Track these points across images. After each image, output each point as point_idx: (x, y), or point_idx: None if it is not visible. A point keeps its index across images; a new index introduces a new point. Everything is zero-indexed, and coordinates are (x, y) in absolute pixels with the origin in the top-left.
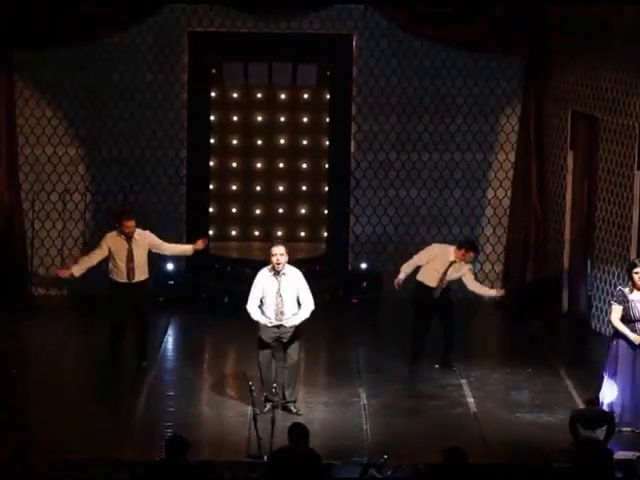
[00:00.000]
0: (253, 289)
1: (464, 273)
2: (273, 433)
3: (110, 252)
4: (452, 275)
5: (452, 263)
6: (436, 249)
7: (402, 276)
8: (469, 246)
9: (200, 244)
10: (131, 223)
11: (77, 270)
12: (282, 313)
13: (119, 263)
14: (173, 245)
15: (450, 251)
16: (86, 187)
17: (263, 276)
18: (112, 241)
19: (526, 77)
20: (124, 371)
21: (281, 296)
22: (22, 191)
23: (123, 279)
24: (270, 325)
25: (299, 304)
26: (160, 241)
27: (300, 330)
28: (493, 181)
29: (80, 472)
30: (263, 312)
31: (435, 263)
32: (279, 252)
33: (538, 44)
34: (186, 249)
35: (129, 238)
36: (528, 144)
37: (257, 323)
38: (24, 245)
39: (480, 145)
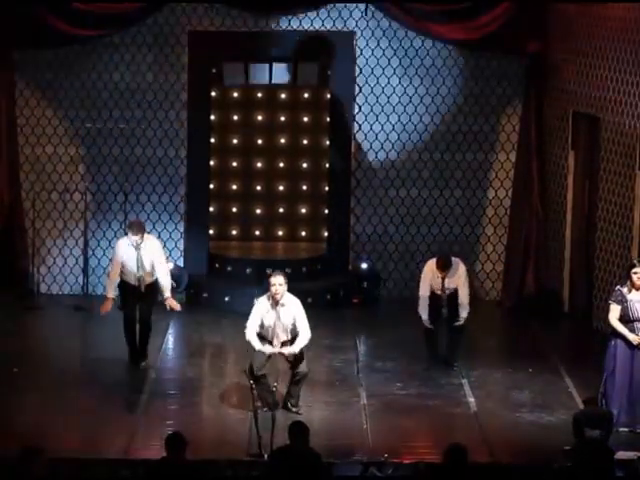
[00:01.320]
0: (252, 316)
1: (457, 284)
2: (274, 432)
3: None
4: (450, 285)
5: (443, 278)
6: (428, 274)
7: (426, 317)
8: (436, 260)
9: (173, 306)
10: (136, 237)
11: (112, 293)
12: (279, 343)
13: (129, 270)
14: (164, 275)
15: (435, 269)
16: (86, 187)
17: (262, 305)
18: (124, 249)
19: (527, 77)
20: (125, 370)
21: (278, 327)
22: (23, 190)
23: (132, 282)
24: (267, 353)
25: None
26: (161, 258)
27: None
28: (494, 181)
29: (81, 471)
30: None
31: (433, 282)
32: (278, 282)
33: (539, 44)
34: (165, 291)
35: (139, 247)
36: (529, 144)
37: (249, 350)
38: (25, 244)
39: (481, 145)
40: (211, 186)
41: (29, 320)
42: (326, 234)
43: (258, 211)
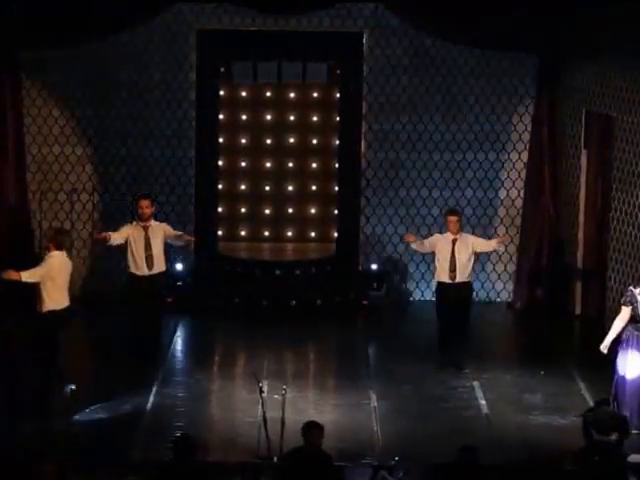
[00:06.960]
0: None
1: (471, 244)
2: (283, 435)
3: (128, 242)
4: (462, 256)
5: (454, 241)
6: (438, 238)
7: (413, 244)
8: (446, 213)
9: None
10: (145, 202)
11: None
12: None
13: (137, 253)
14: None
15: (446, 233)
16: (93, 186)
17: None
18: (131, 230)
19: (539, 76)
20: (133, 372)
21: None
22: (29, 190)
23: (140, 271)
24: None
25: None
26: (176, 232)
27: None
28: (506, 181)
29: (88, 475)
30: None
31: (441, 252)
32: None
33: (552, 43)
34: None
35: (146, 227)
36: (541, 144)
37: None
38: (31, 245)
39: (492, 145)
40: (219, 186)
41: (34, 321)
42: (336, 235)
43: (267, 212)
